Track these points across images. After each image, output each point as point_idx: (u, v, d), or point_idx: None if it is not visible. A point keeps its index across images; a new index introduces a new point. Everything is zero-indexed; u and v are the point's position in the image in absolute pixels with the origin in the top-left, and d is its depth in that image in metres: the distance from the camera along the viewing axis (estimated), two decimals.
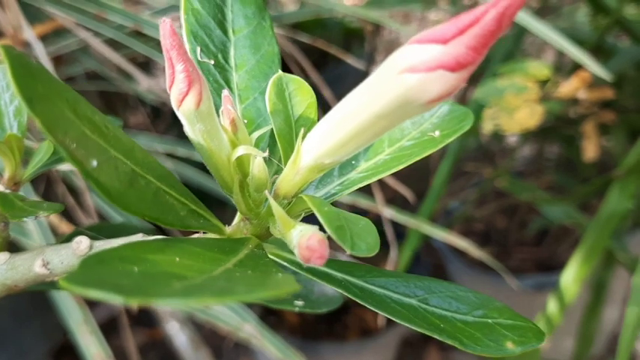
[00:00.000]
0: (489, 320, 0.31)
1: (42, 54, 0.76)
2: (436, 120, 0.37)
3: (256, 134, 0.30)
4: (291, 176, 0.27)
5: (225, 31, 0.33)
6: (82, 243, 0.34)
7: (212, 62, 0.32)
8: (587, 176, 1.51)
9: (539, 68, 0.89)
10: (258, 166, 0.28)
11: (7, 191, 0.36)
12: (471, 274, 1.67)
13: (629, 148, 1.26)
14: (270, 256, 0.31)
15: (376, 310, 0.30)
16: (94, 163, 0.20)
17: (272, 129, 0.32)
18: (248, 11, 0.34)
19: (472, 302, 0.33)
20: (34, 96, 0.18)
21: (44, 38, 0.90)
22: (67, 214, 0.85)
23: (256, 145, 0.33)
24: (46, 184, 0.88)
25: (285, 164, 0.29)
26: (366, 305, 0.30)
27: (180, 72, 0.24)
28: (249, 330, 0.85)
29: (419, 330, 0.29)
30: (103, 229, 0.42)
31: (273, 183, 0.29)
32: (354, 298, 0.31)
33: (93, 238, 0.34)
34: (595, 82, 0.94)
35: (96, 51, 0.93)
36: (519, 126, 0.83)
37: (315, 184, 0.34)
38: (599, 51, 1.17)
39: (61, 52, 0.89)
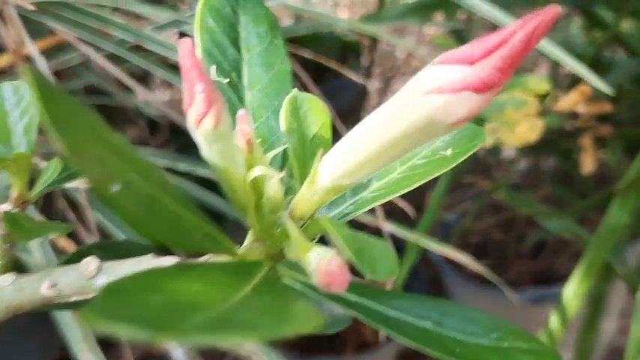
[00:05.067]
0: (505, 344, 0.31)
1: (44, 69, 0.75)
2: (448, 138, 0.37)
3: (271, 154, 0.30)
4: (307, 197, 0.27)
5: (238, 49, 0.33)
6: (90, 264, 0.34)
7: (226, 81, 0.31)
8: (585, 189, 1.51)
9: (539, 83, 0.89)
10: (273, 186, 0.27)
11: (16, 210, 0.35)
12: (469, 288, 1.66)
13: (626, 161, 1.27)
14: (284, 278, 0.31)
15: (392, 335, 0.30)
16: (116, 187, 0.19)
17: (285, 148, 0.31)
18: (260, 29, 0.34)
19: (486, 325, 0.33)
20: (58, 118, 0.18)
21: (46, 53, 0.89)
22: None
23: (270, 165, 0.32)
24: (45, 199, 0.88)
25: (301, 184, 0.29)
26: (383, 329, 0.30)
27: (199, 92, 0.24)
28: (249, 347, 0.84)
29: (435, 355, 0.29)
30: (107, 247, 0.41)
31: (289, 203, 0.29)
32: (368, 322, 0.30)
33: (100, 257, 0.34)
34: (594, 96, 0.94)
35: (96, 65, 0.93)
36: (520, 140, 0.83)
37: (327, 205, 0.33)
38: (597, 65, 1.17)
39: (62, 66, 0.88)
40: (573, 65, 0.68)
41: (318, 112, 0.31)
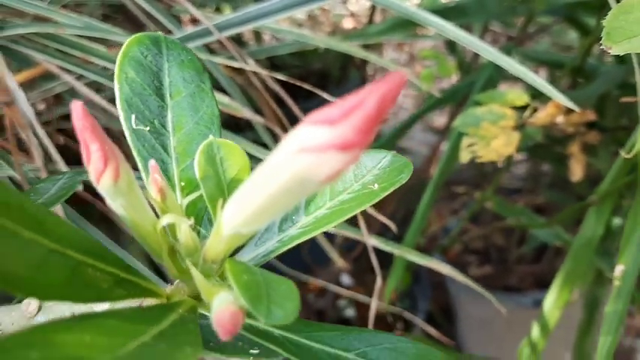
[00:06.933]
0: None
1: (23, 100, 0.77)
2: (377, 171, 0.38)
3: (189, 198, 0.31)
4: (215, 243, 0.28)
5: (161, 97, 0.34)
6: (31, 304, 0.35)
7: (147, 128, 0.33)
8: (581, 193, 1.50)
9: (518, 95, 0.90)
10: (184, 233, 0.29)
11: None
12: (471, 292, 1.66)
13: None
14: (207, 313, 0.32)
15: None
16: None
17: None
18: (186, 75, 0.35)
19: (410, 353, 0.33)
20: None
21: (32, 82, 0.92)
22: None
23: (194, 206, 0.34)
24: None
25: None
26: None
27: (95, 151, 0.25)
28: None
29: None
30: None
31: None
32: (289, 356, 0.31)
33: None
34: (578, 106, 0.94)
35: (82, 92, 0.95)
36: (496, 154, 0.83)
37: (255, 242, 0.35)
38: (582, 72, 1.17)
39: (46, 95, 0.91)
40: (541, 83, 0.69)
41: (235, 157, 0.32)
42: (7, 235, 0.22)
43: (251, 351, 0.40)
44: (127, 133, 0.33)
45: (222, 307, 0.25)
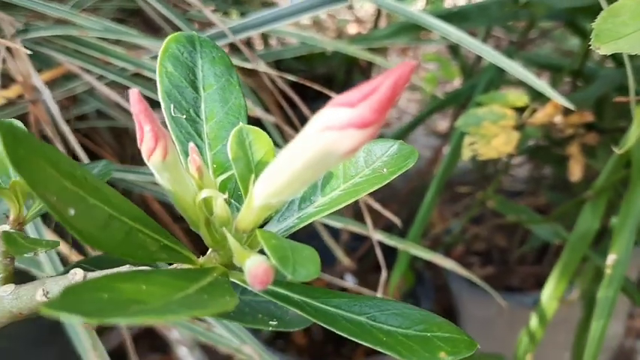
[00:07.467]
0: (428, 334, 0.36)
1: (49, 98, 0.82)
2: (386, 158, 0.42)
3: (221, 178, 0.36)
4: (247, 214, 0.33)
5: (196, 89, 0.39)
6: (77, 275, 0.39)
7: (183, 117, 0.37)
8: (581, 194, 1.54)
9: (518, 96, 0.94)
10: (219, 206, 0.33)
11: (12, 231, 0.41)
12: (473, 293, 1.70)
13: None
14: (236, 281, 0.36)
15: (327, 327, 0.35)
16: (72, 211, 0.25)
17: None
18: (217, 70, 0.40)
19: (416, 318, 0.38)
20: (20, 159, 0.23)
21: (53, 82, 0.96)
22: (77, 245, 0.90)
23: (224, 186, 0.38)
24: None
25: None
26: (319, 323, 0.35)
27: (147, 132, 0.29)
28: (249, 351, 0.89)
29: (364, 343, 0.34)
30: (101, 261, 0.47)
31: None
32: (308, 317, 0.35)
33: (88, 270, 0.40)
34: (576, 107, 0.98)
35: (100, 92, 0.99)
36: (496, 152, 0.88)
37: (277, 218, 0.39)
38: (581, 75, 1.22)
39: (68, 94, 0.95)
40: (538, 83, 0.73)
41: (262, 141, 0.37)
42: (78, 199, 0.26)
43: (270, 322, 0.45)
44: (166, 121, 0.37)
45: (256, 263, 0.29)
